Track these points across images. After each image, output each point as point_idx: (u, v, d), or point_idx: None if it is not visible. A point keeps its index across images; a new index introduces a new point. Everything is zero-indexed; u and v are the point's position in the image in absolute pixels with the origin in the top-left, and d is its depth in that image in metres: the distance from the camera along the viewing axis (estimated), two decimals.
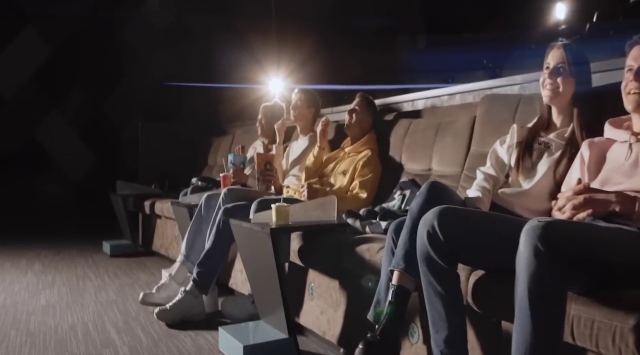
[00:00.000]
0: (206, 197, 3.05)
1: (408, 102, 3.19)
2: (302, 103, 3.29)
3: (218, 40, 6.48)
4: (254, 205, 2.48)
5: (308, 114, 3.31)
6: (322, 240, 2.17)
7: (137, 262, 4.24)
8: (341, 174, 2.84)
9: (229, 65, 6.06)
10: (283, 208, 2.08)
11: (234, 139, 4.76)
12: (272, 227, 1.98)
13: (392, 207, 2.56)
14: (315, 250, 2.18)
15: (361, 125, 2.92)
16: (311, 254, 2.20)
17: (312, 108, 3.32)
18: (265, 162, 3.02)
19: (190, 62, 6.53)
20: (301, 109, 3.29)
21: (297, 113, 3.29)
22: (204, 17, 6.38)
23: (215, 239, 2.70)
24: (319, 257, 2.16)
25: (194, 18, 6.54)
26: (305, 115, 3.31)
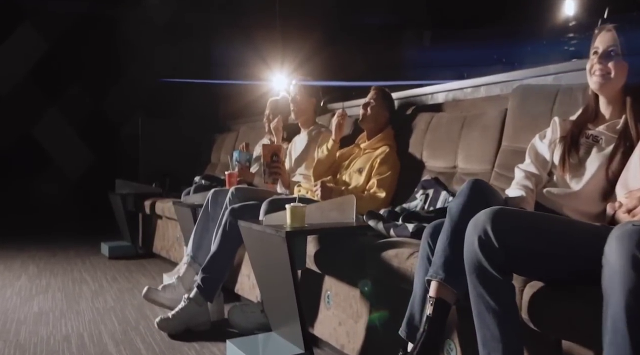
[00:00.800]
0: (213, 193, 2.85)
1: (427, 96, 2.99)
2: (302, 95, 3.09)
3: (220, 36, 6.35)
4: (264, 205, 2.28)
5: (309, 106, 3.11)
6: (341, 244, 1.97)
7: (137, 264, 4.03)
8: (357, 172, 2.64)
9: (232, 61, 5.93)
10: (299, 209, 1.88)
11: (238, 136, 4.55)
12: (287, 230, 1.77)
13: (413, 208, 2.37)
14: (334, 256, 1.97)
15: (377, 120, 2.72)
16: (329, 260, 1.99)
17: (313, 99, 3.12)
18: (272, 154, 2.81)
19: (192, 58, 6.38)
20: (301, 103, 3.09)
21: (297, 107, 3.09)
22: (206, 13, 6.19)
23: (221, 241, 2.50)
24: (338, 263, 1.96)
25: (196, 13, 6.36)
26: (305, 107, 3.10)
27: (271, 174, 2.78)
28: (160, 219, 4.15)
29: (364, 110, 2.73)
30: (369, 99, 2.75)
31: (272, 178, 2.78)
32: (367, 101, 2.74)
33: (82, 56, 6.32)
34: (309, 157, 2.95)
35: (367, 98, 2.77)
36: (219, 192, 2.85)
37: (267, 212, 2.24)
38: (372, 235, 1.99)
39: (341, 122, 2.79)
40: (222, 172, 4.36)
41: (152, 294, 2.63)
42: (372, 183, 2.53)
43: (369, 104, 2.72)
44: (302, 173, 2.98)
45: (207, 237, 2.78)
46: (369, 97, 2.76)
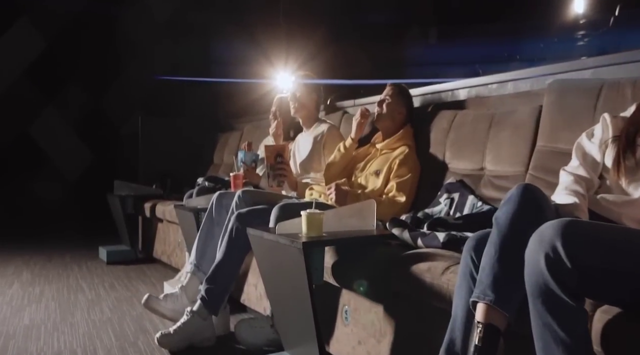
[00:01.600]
0: (217, 196, 2.66)
1: (446, 92, 2.79)
2: (302, 92, 2.89)
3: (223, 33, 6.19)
4: (275, 211, 2.08)
5: (310, 103, 2.92)
6: (362, 255, 1.77)
7: (136, 270, 3.83)
8: (373, 174, 2.44)
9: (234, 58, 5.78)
10: (316, 216, 1.68)
11: (242, 135, 4.36)
12: (304, 240, 1.57)
13: (437, 213, 2.18)
14: (354, 268, 1.77)
15: (394, 118, 2.52)
16: (349, 272, 1.79)
17: (314, 94, 2.93)
18: (276, 154, 2.61)
19: (194, 56, 6.20)
20: (302, 98, 2.89)
21: (297, 104, 2.89)
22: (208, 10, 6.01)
23: (227, 249, 2.30)
24: (359, 276, 1.76)
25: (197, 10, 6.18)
26: (306, 104, 2.91)
27: (276, 176, 2.58)
28: (161, 222, 3.96)
29: (379, 107, 2.53)
30: (385, 95, 2.55)
31: (277, 181, 2.58)
32: (383, 98, 2.54)
33: (81, 53, 6.14)
34: (315, 157, 2.75)
35: (382, 95, 2.57)
36: (223, 195, 2.65)
37: (278, 218, 2.04)
38: (397, 245, 1.79)
39: (362, 121, 2.59)
40: (226, 173, 4.17)
41: (153, 302, 2.43)
42: (391, 186, 2.34)
43: (384, 101, 2.53)
44: (308, 175, 2.79)
45: (212, 244, 2.58)
46: (384, 94, 2.56)
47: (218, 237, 2.52)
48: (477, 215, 1.99)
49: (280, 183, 2.57)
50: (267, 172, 2.56)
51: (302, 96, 2.86)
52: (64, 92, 6.21)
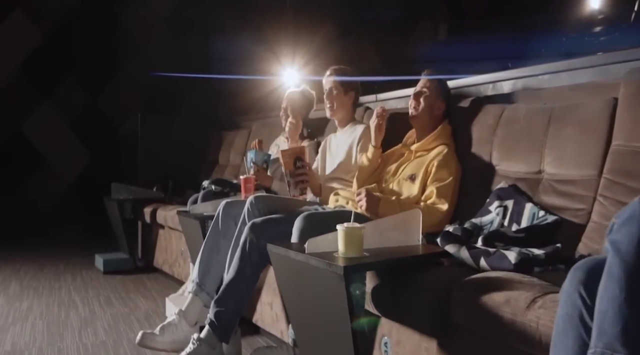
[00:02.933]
0: (225, 206, 2.33)
1: (486, 85, 2.46)
2: (340, 90, 2.56)
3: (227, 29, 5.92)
4: (299, 222, 1.75)
5: (348, 102, 2.58)
6: (410, 277, 1.44)
7: (136, 281, 3.51)
8: (408, 179, 2.11)
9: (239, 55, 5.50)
10: (356, 231, 1.35)
11: (250, 134, 4.03)
12: (345, 265, 1.24)
13: (487, 223, 1.86)
14: (400, 294, 1.44)
15: (432, 114, 2.20)
16: (393, 299, 1.46)
17: (352, 92, 2.59)
18: (295, 159, 2.27)
19: (196, 52, 5.91)
20: (339, 96, 2.56)
21: (335, 104, 2.55)
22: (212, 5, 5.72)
23: (239, 265, 1.98)
24: (406, 305, 1.43)
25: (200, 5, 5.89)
26: (344, 102, 2.57)
27: (297, 183, 2.24)
28: (162, 228, 3.63)
29: (415, 101, 2.20)
30: (421, 87, 2.22)
31: (299, 189, 2.25)
32: (419, 90, 2.21)
33: (77, 49, 5.87)
34: (348, 159, 2.42)
35: (418, 86, 2.24)
36: (232, 205, 2.32)
37: (303, 230, 1.72)
38: (451, 266, 1.47)
39: (381, 122, 2.26)
40: (234, 175, 3.86)
41: (148, 340, 2.09)
42: (430, 192, 2.01)
43: (421, 94, 2.20)
44: (338, 177, 2.45)
45: (218, 260, 2.26)
46: (420, 86, 2.23)
47: (224, 252, 2.20)
48: (542, 227, 1.68)
49: (303, 191, 2.24)
50: (287, 180, 2.22)
51: (339, 94, 2.52)
52: (60, 89, 5.95)
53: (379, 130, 2.27)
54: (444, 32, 6.86)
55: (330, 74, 2.56)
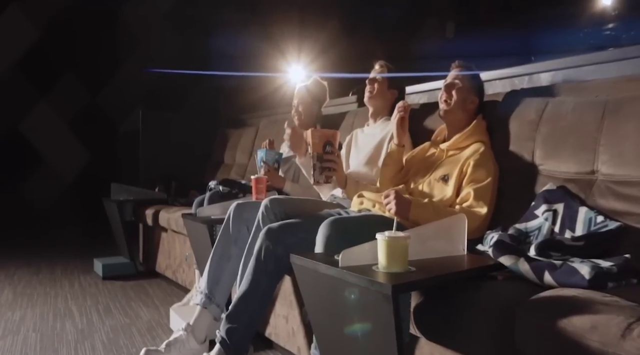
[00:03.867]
0: (236, 208, 2.12)
1: (521, 77, 2.26)
2: (384, 81, 2.35)
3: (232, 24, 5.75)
4: (325, 229, 1.54)
5: (389, 95, 2.37)
6: (464, 296, 1.23)
7: (137, 287, 3.30)
8: (440, 180, 1.90)
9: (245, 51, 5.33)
10: (401, 242, 1.14)
11: (257, 132, 3.82)
12: (395, 284, 1.03)
13: (534, 230, 1.66)
14: (452, 315, 1.23)
15: (465, 108, 1.99)
16: (444, 322, 1.25)
17: (395, 91, 2.39)
18: (325, 142, 2.03)
19: (200, 48, 5.72)
20: (382, 85, 2.34)
21: (374, 88, 2.34)
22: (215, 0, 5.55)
23: (253, 276, 1.77)
24: (461, 328, 1.22)
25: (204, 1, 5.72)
26: (385, 94, 2.36)
27: (323, 169, 2.01)
28: (165, 232, 3.42)
29: (447, 94, 1.99)
30: (453, 78, 2.01)
31: (324, 176, 2.02)
32: (451, 82, 2.00)
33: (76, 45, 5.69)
34: (377, 155, 2.21)
35: (449, 78, 2.03)
36: (244, 207, 2.11)
37: (329, 238, 1.51)
38: (508, 280, 1.26)
39: (404, 116, 2.05)
40: (239, 175, 3.65)
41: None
42: (467, 194, 1.80)
43: (453, 86, 1.99)
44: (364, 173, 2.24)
45: (229, 268, 2.06)
46: (452, 77, 2.02)
47: (236, 260, 2.00)
48: (603, 235, 1.47)
49: (328, 179, 2.02)
50: (312, 163, 2.00)
51: (383, 84, 2.31)
52: (58, 87, 5.78)
53: (402, 127, 2.06)
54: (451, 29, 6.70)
55: (380, 66, 2.36)
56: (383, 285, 1.03)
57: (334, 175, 2.04)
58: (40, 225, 5.34)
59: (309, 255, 1.31)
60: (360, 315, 1.14)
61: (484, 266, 1.26)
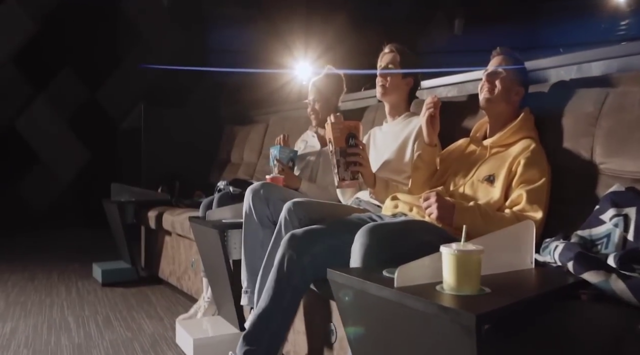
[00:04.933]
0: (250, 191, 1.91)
1: (568, 67, 2.03)
2: (397, 68, 2.12)
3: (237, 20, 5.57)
4: (362, 237, 1.31)
5: (404, 86, 2.14)
6: (549, 322, 1.00)
7: (139, 295, 3.07)
8: (484, 181, 1.67)
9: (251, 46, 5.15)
10: (474, 257, 0.92)
11: (267, 129, 3.59)
12: (480, 313, 0.80)
13: (601, 237, 1.45)
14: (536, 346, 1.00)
15: (510, 100, 1.77)
16: None
17: (410, 78, 2.15)
18: (347, 134, 1.81)
19: (204, 43, 5.52)
20: (395, 76, 2.11)
21: (386, 81, 2.11)
22: None
23: (275, 290, 1.55)
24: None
25: None
26: (399, 85, 2.12)
27: (349, 165, 1.78)
28: (169, 235, 3.20)
29: (489, 84, 1.76)
30: (495, 66, 1.79)
31: (350, 172, 1.79)
32: (494, 70, 1.77)
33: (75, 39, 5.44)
34: (399, 157, 1.99)
35: (491, 66, 1.80)
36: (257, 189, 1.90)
37: (369, 249, 1.29)
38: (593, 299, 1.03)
39: (434, 113, 1.83)
40: (249, 174, 3.43)
41: None
42: (518, 196, 1.58)
43: (496, 75, 1.76)
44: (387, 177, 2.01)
45: None
46: (494, 64, 1.79)
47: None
48: None
49: (355, 175, 1.78)
50: (335, 160, 1.77)
51: (397, 76, 2.08)
52: (56, 83, 5.56)
53: (432, 125, 1.84)
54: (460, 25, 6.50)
55: (390, 50, 2.12)
56: (462, 314, 0.80)
57: (361, 171, 1.81)
58: (37, 227, 5.12)
59: (351, 271, 1.09)
60: (424, 348, 0.92)
61: (569, 285, 1.04)
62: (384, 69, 2.12)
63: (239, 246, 2.06)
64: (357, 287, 1.03)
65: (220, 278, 2.19)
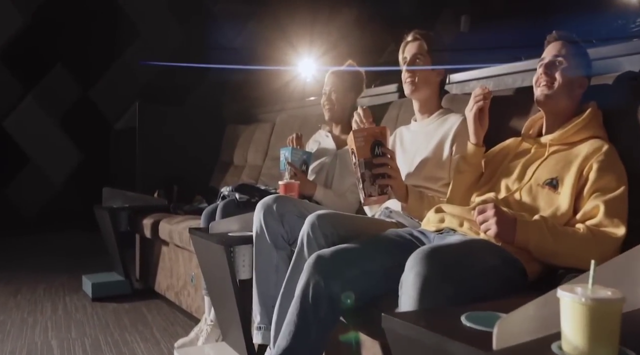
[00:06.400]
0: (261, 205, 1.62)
1: (632, 56, 1.75)
2: (427, 58, 1.83)
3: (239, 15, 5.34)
4: (419, 267, 1.02)
5: (435, 78, 1.85)
6: None
7: (132, 313, 2.78)
8: (545, 186, 1.39)
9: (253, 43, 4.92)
10: (612, 307, 0.63)
11: (274, 128, 3.30)
12: None
13: None
14: None
15: (572, 94, 1.49)
16: None
17: (442, 73, 1.87)
18: (372, 143, 1.50)
19: (204, 40, 5.26)
20: (425, 72, 1.82)
21: (415, 76, 1.81)
22: None
23: (298, 325, 1.26)
24: None
25: None
26: (430, 79, 1.84)
27: (376, 177, 1.48)
28: (167, 245, 2.90)
29: (547, 77, 1.47)
30: (555, 55, 1.49)
31: (378, 187, 1.49)
32: (553, 60, 1.48)
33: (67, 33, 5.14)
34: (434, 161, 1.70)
35: (548, 55, 1.50)
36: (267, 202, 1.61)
37: (428, 280, 1.00)
38: None
39: (482, 106, 1.54)
40: (254, 178, 3.15)
41: None
42: (594, 208, 1.30)
43: (556, 66, 1.47)
44: (417, 185, 1.72)
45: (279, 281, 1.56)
46: (553, 53, 1.49)
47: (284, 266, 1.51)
48: None
49: (384, 189, 1.49)
50: (360, 173, 1.47)
51: (423, 71, 1.79)
52: (47, 80, 5.26)
53: (481, 121, 1.55)
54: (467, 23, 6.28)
55: (414, 38, 1.82)
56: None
57: (390, 184, 1.51)
58: (26, 233, 4.81)
59: (419, 319, 0.79)
60: None
61: None
62: (411, 62, 1.82)
63: (248, 264, 1.77)
64: (433, 344, 0.73)
65: (225, 299, 1.89)
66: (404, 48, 1.88)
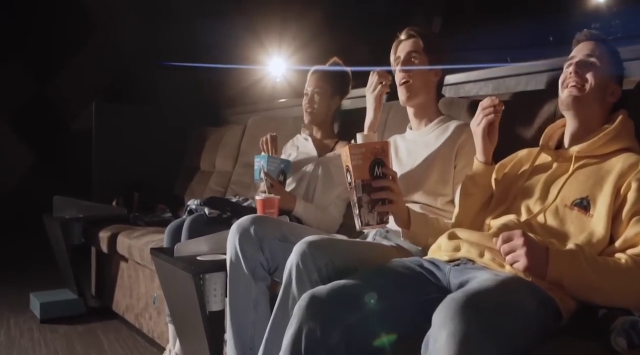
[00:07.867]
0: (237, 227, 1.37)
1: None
2: (424, 58, 1.61)
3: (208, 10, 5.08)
4: (453, 318, 0.79)
5: (432, 79, 1.63)
6: None
7: (87, 336, 2.48)
8: (574, 207, 1.19)
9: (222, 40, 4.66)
10: None
11: (245, 131, 3.03)
12: None
13: None
14: None
15: (605, 101, 1.30)
16: None
17: (439, 74, 1.65)
18: (372, 161, 1.24)
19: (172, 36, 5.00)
20: (422, 72, 1.60)
21: (413, 81, 1.59)
22: None
23: None
24: None
25: None
26: (428, 81, 1.62)
27: (375, 204, 1.24)
28: (125, 261, 2.60)
29: (578, 78, 1.26)
30: (586, 55, 1.28)
31: (377, 214, 1.25)
32: (585, 59, 1.27)
33: (21, 24, 4.79)
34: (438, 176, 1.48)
35: (579, 54, 1.29)
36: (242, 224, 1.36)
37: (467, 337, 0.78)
38: None
39: (493, 119, 1.32)
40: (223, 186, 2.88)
41: None
42: (637, 234, 1.09)
43: (588, 66, 1.26)
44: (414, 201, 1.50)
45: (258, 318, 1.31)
46: (585, 52, 1.28)
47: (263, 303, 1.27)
48: None
49: (384, 217, 1.25)
50: (356, 197, 1.23)
51: (421, 72, 1.56)
52: None
53: (490, 136, 1.34)
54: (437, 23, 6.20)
55: (409, 35, 1.60)
56: None
57: (392, 211, 1.28)
58: None
59: None
60: None
61: None
62: (405, 61, 1.60)
63: (220, 294, 1.51)
64: None
65: (193, 331, 1.63)
66: (397, 47, 1.66)
